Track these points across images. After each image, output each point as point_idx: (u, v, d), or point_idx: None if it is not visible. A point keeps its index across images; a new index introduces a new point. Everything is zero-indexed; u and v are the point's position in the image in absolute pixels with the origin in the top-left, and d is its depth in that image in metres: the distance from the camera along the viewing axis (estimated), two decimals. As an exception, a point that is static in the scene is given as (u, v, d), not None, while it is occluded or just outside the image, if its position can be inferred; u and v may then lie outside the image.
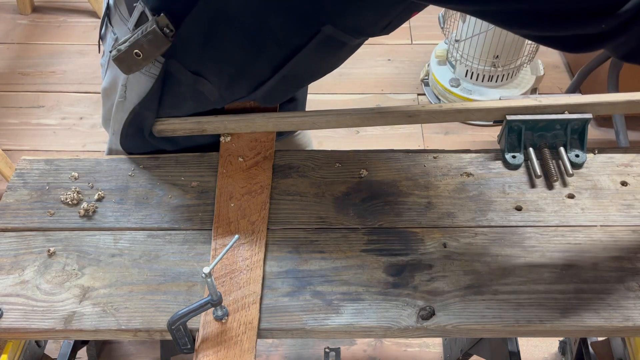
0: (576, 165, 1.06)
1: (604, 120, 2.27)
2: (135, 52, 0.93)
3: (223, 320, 0.87)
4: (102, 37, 1.08)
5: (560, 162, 1.06)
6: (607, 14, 0.72)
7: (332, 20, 0.88)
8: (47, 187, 1.06)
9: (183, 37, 0.92)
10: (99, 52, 1.12)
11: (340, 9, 0.87)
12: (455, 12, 2.18)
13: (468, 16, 2.07)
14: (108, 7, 1.03)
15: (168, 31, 0.91)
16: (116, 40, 1.00)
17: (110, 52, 0.98)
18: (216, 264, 0.80)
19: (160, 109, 1.05)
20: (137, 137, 1.09)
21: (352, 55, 1.04)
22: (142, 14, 0.93)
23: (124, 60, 0.95)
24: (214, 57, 0.96)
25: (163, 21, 0.90)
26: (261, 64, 0.97)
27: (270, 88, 1.02)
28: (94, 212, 1.03)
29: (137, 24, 0.94)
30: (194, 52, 0.95)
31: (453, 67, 2.30)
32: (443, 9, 2.19)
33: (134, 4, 0.94)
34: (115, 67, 1.01)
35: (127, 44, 0.93)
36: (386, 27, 0.95)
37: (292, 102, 1.22)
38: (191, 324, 0.87)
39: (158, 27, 0.90)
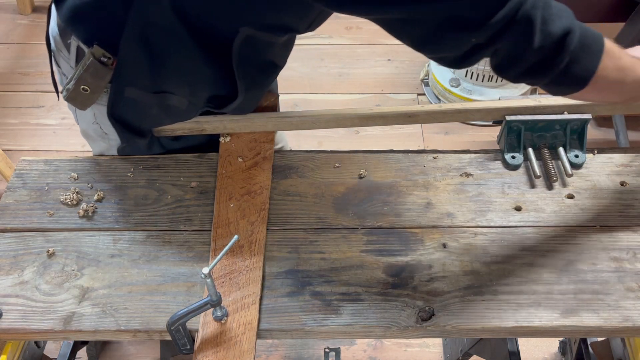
0: (576, 166, 1.06)
1: (603, 121, 2.27)
2: (82, 88, 0.94)
3: (222, 321, 0.87)
4: (55, 82, 1.08)
5: (560, 162, 1.06)
6: (478, 27, 0.73)
7: (250, 21, 0.88)
8: (47, 188, 1.06)
9: (126, 62, 0.92)
10: (58, 98, 1.10)
11: (259, 11, 0.87)
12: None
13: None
14: (50, 49, 1.02)
15: (106, 60, 0.91)
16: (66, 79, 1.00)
17: (61, 92, 0.98)
18: (215, 264, 0.80)
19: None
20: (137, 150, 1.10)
21: (352, 55, 1.04)
22: (79, 48, 0.94)
23: (76, 98, 0.96)
24: (165, 70, 0.95)
25: (98, 51, 0.91)
26: (206, 66, 0.96)
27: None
28: (94, 212, 1.03)
29: (77, 59, 0.95)
30: (145, 72, 0.94)
31: (453, 67, 2.30)
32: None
33: (68, 41, 0.95)
34: (76, 110, 1.04)
35: (72, 81, 0.94)
36: (310, 26, 0.96)
37: None
38: (191, 324, 0.87)
39: (95, 58, 0.91)
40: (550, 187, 1.04)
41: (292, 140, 2.22)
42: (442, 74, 2.33)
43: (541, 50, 0.76)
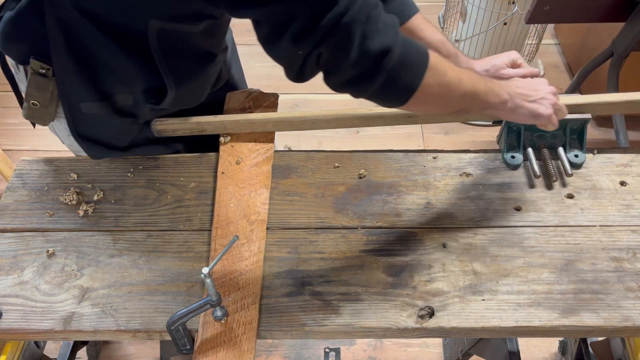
0: (575, 166, 1.06)
1: (603, 120, 2.27)
2: (32, 103, 0.96)
3: (222, 321, 0.87)
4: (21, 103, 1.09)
5: (560, 162, 1.06)
6: (305, 32, 0.73)
7: (155, 13, 0.87)
8: (47, 188, 1.06)
9: (62, 68, 0.92)
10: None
11: (159, 2, 0.85)
12: (455, 11, 2.18)
13: (468, 16, 2.07)
14: (10, 76, 1.03)
15: (44, 71, 0.93)
16: None
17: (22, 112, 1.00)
18: (215, 264, 0.80)
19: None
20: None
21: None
22: (24, 67, 0.96)
23: (33, 115, 0.99)
24: (97, 71, 0.95)
25: (35, 65, 0.93)
26: (129, 62, 0.95)
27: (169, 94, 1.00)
28: (93, 212, 1.03)
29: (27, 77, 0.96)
30: (81, 76, 0.94)
31: (453, 67, 2.30)
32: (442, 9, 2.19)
33: (16, 64, 0.97)
34: (53, 127, 1.05)
35: (24, 99, 0.96)
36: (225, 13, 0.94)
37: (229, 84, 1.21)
38: (190, 324, 0.87)
39: (34, 72, 0.93)
40: (550, 187, 1.04)
41: (292, 140, 2.22)
42: (442, 74, 2.33)
43: (358, 65, 0.76)
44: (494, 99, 0.88)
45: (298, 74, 0.80)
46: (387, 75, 0.77)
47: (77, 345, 1.31)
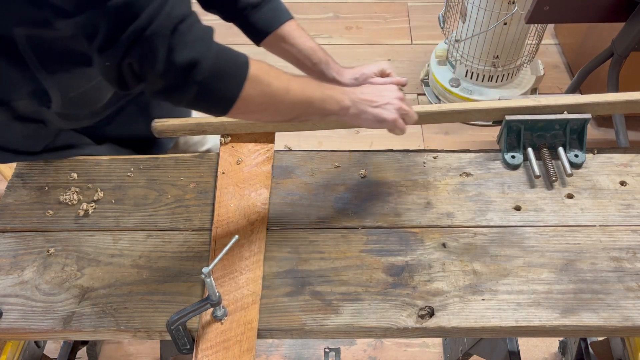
0: (575, 165, 1.06)
1: (603, 120, 2.27)
2: None
3: (222, 321, 0.88)
4: None
5: (560, 162, 1.06)
6: (109, 43, 0.73)
7: (16, 20, 0.85)
8: (47, 188, 1.06)
9: None
10: None
11: (16, 7, 0.83)
12: (455, 11, 2.18)
13: (468, 16, 2.07)
14: None
15: None
16: None
17: None
18: (215, 264, 0.80)
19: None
20: None
21: (352, 55, 1.04)
22: None
23: None
24: None
25: None
26: (13, 71, 0.93)
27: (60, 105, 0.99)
28: (94, 212, 1.03)
29: None
30: None
31: (453, 67, 2.30)
32: (443, 9, 2.19)
33: None
34: None
35: None
36: None
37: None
38: (190, 324, 0.87)
39: None
40: (550, 186, 1.04)
41: (292, 140, 2.22)
42: (442, 74, 2.33)
43: (165, 77, 0.76)
44: (333, 106, 0.89)
45: (120, 84, 0.79)
46: (200, 88, 0.77)
47: (77, 345, 1.31)
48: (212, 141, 1.36)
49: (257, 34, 1.07)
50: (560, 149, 1.07)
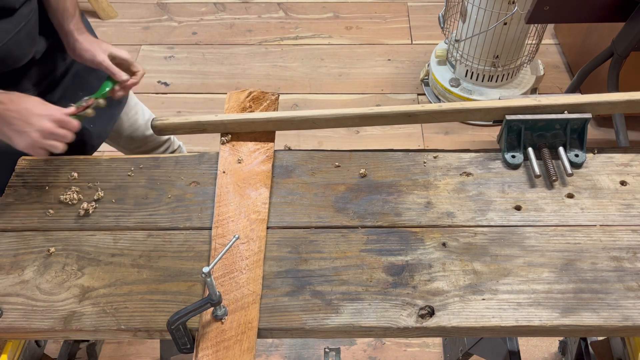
0: (576, 165, 1.06)
1: (603, 120, 2.27)
2: None
3: (223, 320, 0.88)
4: None
5: (560, 161, 1.06)
6: None
7: None
8: (47, 187, 1.06)
9: None
10: None
11: None
12: (455, 11, 2.18)
13: (468, 16, 2.07)
14: None
15: None
16: None
17: None
18: (216, 263, 0.80)
19: None
20: None
21: (352, 55, 1.04)
22: None
23: None
24: None
25: None
26: None
27: None
28: (94, 211, 1.03)
29: None
30: None
31: (453, 67, 2.30)
32: (443, 9, 2.19)
33: None
34: None
35: None
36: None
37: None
38: (191, 323, 0.87)
39: None
40: (550, 186, 1.04)
41: (292, 140, 2.22)
42: (442, 74, 2.33)
43: None
44: None
45: None
46: None
47: (77, 345, 1.31)
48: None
49: None
50: (561, 149, 1.07)
